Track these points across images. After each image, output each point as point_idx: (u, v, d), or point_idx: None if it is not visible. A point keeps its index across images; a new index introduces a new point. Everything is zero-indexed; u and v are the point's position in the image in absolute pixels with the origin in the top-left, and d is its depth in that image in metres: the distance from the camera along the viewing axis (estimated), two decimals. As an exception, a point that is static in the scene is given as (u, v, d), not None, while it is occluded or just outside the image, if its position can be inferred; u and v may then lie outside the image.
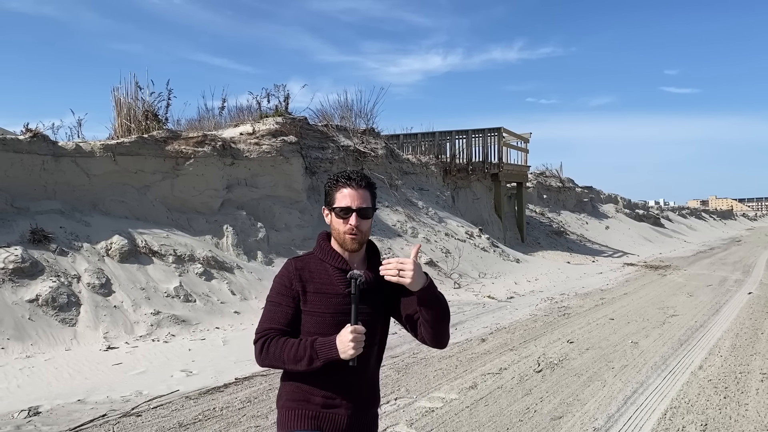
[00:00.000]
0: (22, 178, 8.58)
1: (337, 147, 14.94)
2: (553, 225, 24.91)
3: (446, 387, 5.68)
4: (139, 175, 9.99)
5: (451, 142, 20.34)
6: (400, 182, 16.57)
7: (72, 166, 9.20)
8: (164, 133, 10.75)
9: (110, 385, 5.68)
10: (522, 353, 7.07)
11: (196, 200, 10.65)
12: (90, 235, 8.66)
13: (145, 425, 4.64)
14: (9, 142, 8.55)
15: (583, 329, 8.51)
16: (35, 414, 4.87)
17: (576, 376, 6.08)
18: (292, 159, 12.48)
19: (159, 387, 5.64)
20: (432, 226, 15.49)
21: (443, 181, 19.01)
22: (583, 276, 15.66)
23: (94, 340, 7.09)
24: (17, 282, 7.33)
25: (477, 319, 9.33)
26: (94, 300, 7.68)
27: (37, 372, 5.98)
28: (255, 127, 12.71)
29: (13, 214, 8.23)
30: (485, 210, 20.59)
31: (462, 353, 7.08)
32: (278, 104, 14.14)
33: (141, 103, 11.62)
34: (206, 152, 10.85)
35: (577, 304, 10.85)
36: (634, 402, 5.26)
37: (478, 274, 13.99)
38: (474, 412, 4.99)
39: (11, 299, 7.10)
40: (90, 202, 9.32)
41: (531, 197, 26.00)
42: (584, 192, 31.73)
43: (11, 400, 5.20)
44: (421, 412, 4.95)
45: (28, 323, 6.94)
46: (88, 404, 5.15)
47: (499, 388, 5.65)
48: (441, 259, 13.74)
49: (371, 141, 16.76)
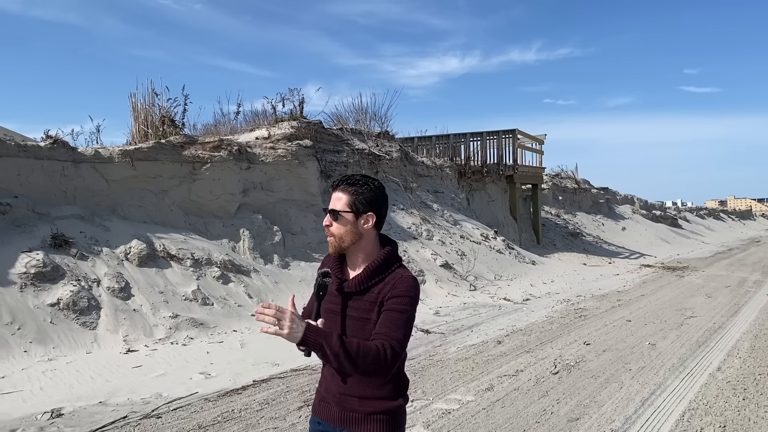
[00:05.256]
0: (42, 184, 8.72)
1: (351, 150, 15.00)
2: (569, 226, 24.77)
3: (463, 389, 5.70)
4: (157, 180, 10.11)
5: (466, 144, 20.32)
6: (415, 185, 16.59)
7: (91, 172, 9.33)
8: (181, 139, 10.87)
9: (130, 388, 5.76)
10: (538, 355, 7.06)
11: (212, 204, 10.75)
12: (109, 240, 8.78)
13: (165, 427, 4.71)
14: (30, 149, 8.70)
15: (599, 331, 8.47)
16: (58, 416, 4.96)
17: (593, 378, 6.06)
18: (308, 163, 12.56)
19: (178, 389, 5.71)
20: (447, 229, 15.49)
21: (458, 184, 19.00)
22: (599, 278, 15.57)
23: (114, 343, 7.19)
24: (39, 286, 7.46)
25: (493, 322, 9.32)
26: (114, 304, 7.78)
27: (59, 375, 6.08)
28: (270, 131, 12.80)
29: (34, 220, 8.37)
30: (500, 212, 20.53)
31: (478, 355, 7.08)
32: (293, 108, 14.23)
33: (158, 109, 11.75)
34: (222, 157, 10.95)
35: (594, 306, 10.80)
36: (652, 404, 5.24)
37: (493, 277, 13.97)
38: (491, 413, 5.00)
39: (33, 303, 7.22)
40: (109, 206, 9.45)
41: (546, 199, 25.87)
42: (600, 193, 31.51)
43: (34, 402, 5.29)
44: (437, 414, 4.97)
45: (50, 327, 7.05)
46: (109, 406, 5.24)
47: (516, 390, 5.65)
48: (456, 261, 13.74)
49: (386, 144, 16.80)
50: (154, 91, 11.68)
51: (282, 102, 14.15)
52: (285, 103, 14.18)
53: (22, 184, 8.47)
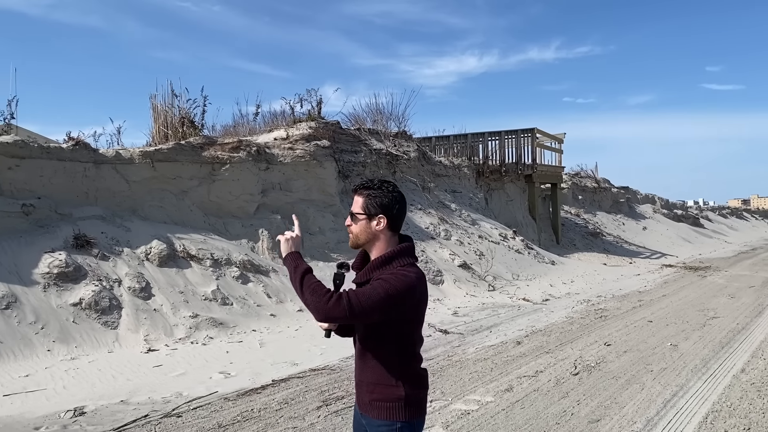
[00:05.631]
0: (65, 185, 8.84)
1: (369, 150, 15.01)
2: (589, 226, 24.56)
3: (482, 389, 5.67)
4: (177, 180, 10.20)
5: (484, 144, 20.24)
6: (433, 185, 16.56)
7: (112, 173, 9.45)
8: (200, 140, 10.95)
9: (151, 387, 5.81)
10: (558, 356, 7.01)
11: (232, 205, 10.83)
12: (130, 240, 8.88)
13: (186, 426, 4.74)
14: (52, 151, 8.82)
15: (620, 332, 8.39)
16: (81, 414, 5.02)
17: (614, 379, 6.00)
18: (325, 163, 12.59)
19: (198, 388, 5.75)
20: (465, 229, 15.44)
21: (476, 183, 18.92)
22: (620, 278, 15.41)
23: (135, 343, 7.27)
24: (62, 286, 7.56)
25: (512, 322, 9.27)
26: (135, 303, 7.87)
27: (82, 373, 6.15)
28: (289, 132, 12.86)
29: (57, 220, 8.49)
30: (519, 212, 20.42)
31: (497, 356, 7.05)
32: (311, 109, 14.29)
33: (177, 110, 11.87)
34: (241, 157, 11.02)
35: (615, 307, 10.69)
36: (674, 405, 5.18)
37: (512, 277, 13.89)
38: (510, 414, 4.97)
39: (56, 303, 7.33)
40: (130, 207, 9.56)
41: (566, 198, 25.68)
42: (620, 192, 31.20)
43: (58, 401, 5.36)
44: (456, 415, 4.95)
45: (73, 326, 7.15)
46: (130, 405, 5.29)
47: (536, 391, 5.61)
48: (475, 261, 13.68)
49: (403, 144, 16.79)
50: (173, 93, 11.82)
51: (300, 103, 14.23)
52: (303, 104, 14.26)
53: (45, 186, 8.60)
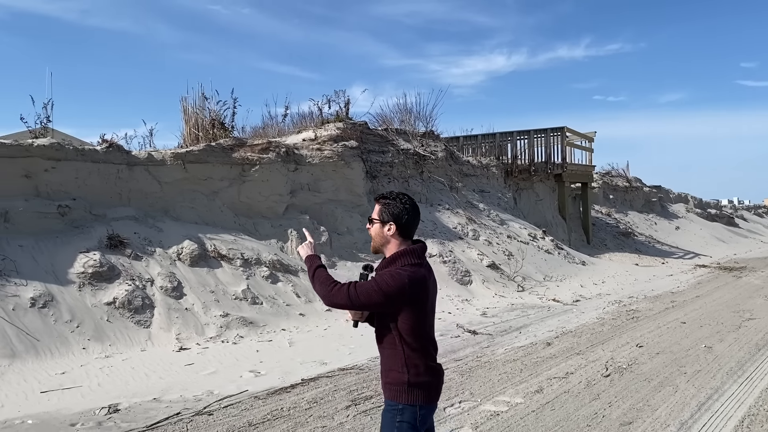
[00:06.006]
0: (99, 187, 9.03)
1: (396, 150, 15.02)
2: (620, 226, 24.19)
3: (511, 391, 5.63)
4: (208, 181, 10.34)
5: (513, 143, 20.08)
6: (461, 184, 16.49)
7: (145, 174, 9.61)
8: (230, 141, 11.09)
9: (183, 385, 5.90)
10: (589, 357, 6.92)
11: (261, 205, 10.93)
12: (162, 240, 9.03)
13: (217, 424, 4.80)
14: (87, 153, 9.02)
15: (653, 333, 8.25)
16: (115, 411, 5.12)
17: (646, 381, 5.90)
18: (353, 163, 12.63)
19: (229, 387, 5.82)
20: (494, 229, 15.34)
21: (505, 183, 18.79)
22: (652, 278, 15.16)
23: (167, 341, 7.38)
24: (96, 285, 7.72)
25: (542, 323, 9.18)
26: (167, 302, 7.99)
27: (116, 371, 6.28)
28: (317, 132, 12.93)
29: (91, 221, 8.67)
30: (549, 211, 20.22)
31: (527, 357, 6.99)
32: (339, 110, 14.36)
33: (208, 112, 12.04)
34: (271, 158, 11.12)
35: (647, 308, 10.52)
36: (709, 408, 5.07)
37: (542, 277, 13.76)
38: (540, 416, 4.92)
39: (91, 302, 7.49)
40: (162, 208, 9.72)
41: (596, 198, 25.33)
42: (652, 191, 30.67)
43: (93, 398, 5.48)
44: (485, 416, 4.92)
45: (107, 325, 7.29)
46: (163, 403, 5.38)
47: (566, 393, 5.55)
48: (503, 261, 13.59)
49: (431, 144, 16.76)
50: (204, 95, 11.99)
51: (328, 104, 14.31)
52: (331, 105, 14.34)
53: (80, 187, 8.79)
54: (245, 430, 4.66)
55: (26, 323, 6.74)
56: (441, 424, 4.74)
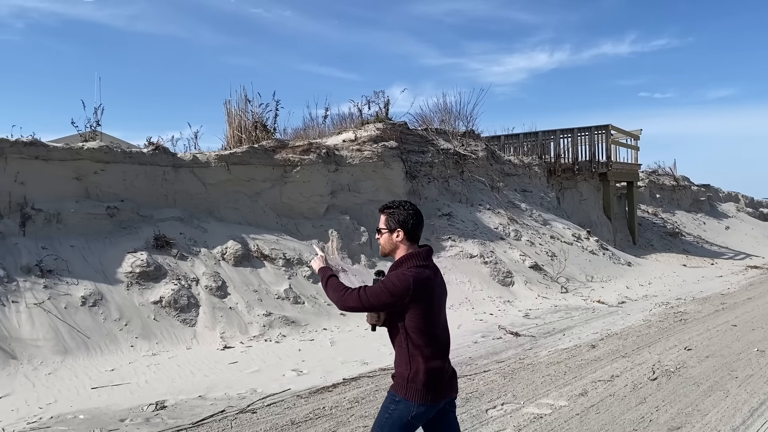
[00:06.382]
0: (146, 188, 9.25)
1: (436, 150, 14.96)
2: (667, 226, 23.59)
3: (555, 393, 5.55)
4: (251, 183, 10.49)
5: (556, 142, 19.79)
6: (502, 184, 16.33)
7: (190, 176, 9.81)
8: (273, 143, 11.23)
9: (227, 383, 6.00)
10: (635, 360, 6.77)
11: (302, 206, 11.04)
12: (207, 241, 9.20)
13: (260, 422, 4.87)
14: (135, 155, 9.26)
15: (702, 336, 8.01)
16: (162, 408, 5.24)
17: (695, 385, 5.73)
18: (393, 164, 12.64)
19: (272, 385, 5.89)
20: (536, 229, 15.14)
21: (547, 182, 18.53)
22: (701, 279, 14.72)
23: (211, 340, 7.52)
24: (143, 285, 7.92)
25: (586, 325, 9.02)
26: (212, 302, 8.14)
27: (162, 369, 6.42)
28: (357, 133, 12.99)
29: (138, 222, 8.89)
30: (593, 211, 19.85)
31: (571, 359, 6.87)
32: (379, 110, 14.38)
33: (250, 115, 12.21)
34: (312, 160, 11.22)
35: (695, 310, 10.22)
36: (762, 414, 4.89)
37: (586, 278, 13.52)
38: (585, 419, 4.83)
39: (138, 301, 7.68)
40: (206, 209, 9.90)
41: (643, 197, 24.76)
42: (701, 190, 29.81)
43: (140, 395, 5.62)
44: (529, 419, 4.86)
45: (153, 323, 7.47)
46: (208, 400, 5.48)
47: (611, 396, 5.44)
48: (546, 262, 13.40)
49: (471, 143, 16.64)
50: (246, 98, 12.16)
51: (368, 104, 14.35)
52: (371, 106, 14.37)
53: (128, 189, 9.03)
54: (288, 429, 4.71)
55: (77, 321, 6.96)
56: (483, 426, 4.70)
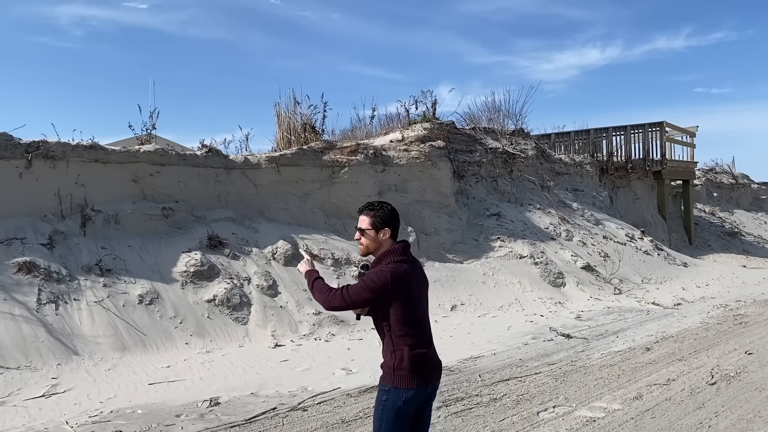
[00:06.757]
0: (199, 190, 9.49)
1: (485, 149, 14.84)
2: (726, 225, 22.77)
3: (608, 397, 5.43)
4: (300, 184, 10.63)
5: (608, 140, 19.36)
6: (552, 183, 16.07)
7: (241, 178, 10.01)
8: (321, 144, 11.35)
9: (278, 381, 6.10)
10: (692, 364, 6.56)
11: (350, 206, 11.10)
12: (258, 240, 9.37)
13: (311, 419, 4.93)
14: (189, 158, 9.50)
15: (763, 339, 7.70)
16: (215, 404, 5.36)
17: (756, 391, 5.52)
18: (440, 163, 12.60)
19: (322, 384, 5.95)
20: (588, 229, 14.84)
21: (599, 181, 18.14)
22: (762, 281, 14.15)
23: (263, 338, 7.66)
24: (197, 284, 8.13)
25: (640, 327, 8.79)
26: (263, 300, 8.29)
27: (216, 366, 6.57)
28: (404, 134, 13.00)
29: (192, 222, 9.13)
30: (647, 210, 19.34)
31: (624, 362, 6.72)
32: (426, 110, 14.36)
33: (299, 117, 12.37)
34: (359, 160, 11.29)
35: (756, 312, 9.83)
36: (831, 423, 4.68)
37: (640, 279, 13.17)
38: (640, 424, 4.72)
39: (192, 299, 7.88)
40: (257, 210, 10.09)
41: (699, 196, 23.99)
42: (762, 188, 28.66)
43: (195, 391, 5.77)
44: (581, 422, 4.77)
45: (207, 321, 7.65)
46: (260, 397, 5.58)
47: (668, 400, 5.29)
48: (599, 263, 13.12)
49: (520, 142, 16.44)
50: (295, 100, 12.32)
51: (415, 104, 14.34)
52: (418, 106, 14.36)
53: (182, 190, 9.28)
54: (338, 427, 4.75)
55: (135, 319, 7.19)
56: (534, 429, 4.64)
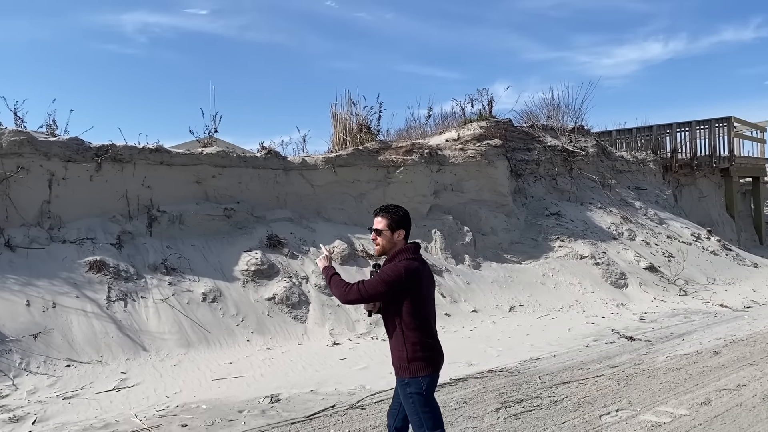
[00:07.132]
0: (259, 191, 9.70)
1: (543, 147, 14.59)
2: (800, 224, 21.62)
3: (674, 401, 5.26)
4: (356, 184, 10.72)
5: (672, 136, 18.72)
6: (614, 181, 15.65)
7: (299, 178, 10.17)
8: (376, 144, 11.40)
9: (337, 379, 6.17)
10: (764, 369, 6.27)
11: (406, 206, 10.93)
12: (315, 240, 9.49)
13: (369, 418, 4.97)
14: (249, 160, 9.73)
15: (844, 345, 7.29)
16: (276, 401, 5.47)
17: (837, 399, 5.23)
18: (497, 162, 12.46)
19: (379, 382, 5.98)
20: (651, 228, 14.38)
21: (663, 179, 17.55)
22: (842, 283, 13.38)
23: (321, 336, 7.76)
24: (258, 282, 8.30)
25: (707, 330, 8.47)
26: (320, 299, 8.40)
27: (276, 363, 6.70)
28: (459, 132, 12.91)
29: (253, 222, 9.33)
30: (714, 209, 18.59)
31: (691, 366, 6.48)
32: (482, 108, 14.22)
33: (355, 117, 12.46)
34: (414, 160, 11.28)
35: (836, 316, 9.32)
36: None
37: (707, 280, 12.68)
38: (708, 430, 4.55)
39: (253, 297, 8.06)
40: (314, 210, 10.23)
41: (770, 193, 22.88)
42: (841, 185, 27.10)
43: (257, 387, 5.90)
44: (646, 427, 4.63)
45: (267, 319, 7.81)
46: (319, 395, 5.66)
47: (738, 406, 5.08)
48: (663, 263, 12.69)
49: (580, 139, 16.08)
50: (351, 101, 12.42)
51: (471, 103, 14.22)
52: (473, 104, 14.23)
53: (243, 191, 9.50)
54: (396, 426, 4.76)
55: (198, 316, 7.41)
56: (596, 433, 4.54)
